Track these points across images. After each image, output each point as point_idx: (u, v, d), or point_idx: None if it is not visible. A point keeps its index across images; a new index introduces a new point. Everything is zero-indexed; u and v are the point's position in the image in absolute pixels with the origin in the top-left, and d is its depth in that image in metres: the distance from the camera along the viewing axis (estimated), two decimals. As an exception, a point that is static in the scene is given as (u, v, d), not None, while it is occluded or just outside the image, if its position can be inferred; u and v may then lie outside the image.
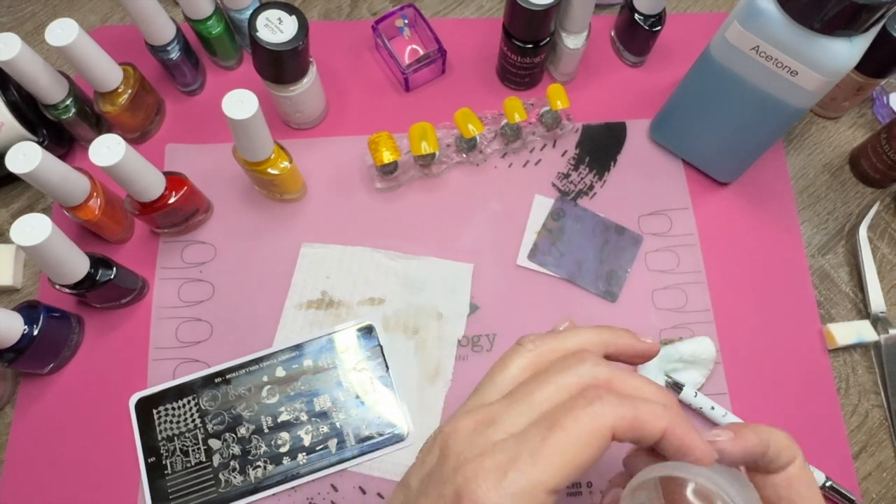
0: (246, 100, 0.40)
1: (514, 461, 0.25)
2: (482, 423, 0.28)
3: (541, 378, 0.28)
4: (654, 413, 0.27)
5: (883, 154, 0.50)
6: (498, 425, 0.27)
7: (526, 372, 0.30)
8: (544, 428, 0.26)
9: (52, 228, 0.38)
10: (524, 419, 0.27)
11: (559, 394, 0.28)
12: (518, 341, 0.31)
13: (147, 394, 0.46)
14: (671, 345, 0.46)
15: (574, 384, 0.28)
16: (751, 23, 0.38)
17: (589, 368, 0.29)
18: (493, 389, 0.30)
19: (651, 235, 0.51)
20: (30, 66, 0.44)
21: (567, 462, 0.26)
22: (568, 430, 0.26)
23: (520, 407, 0.28)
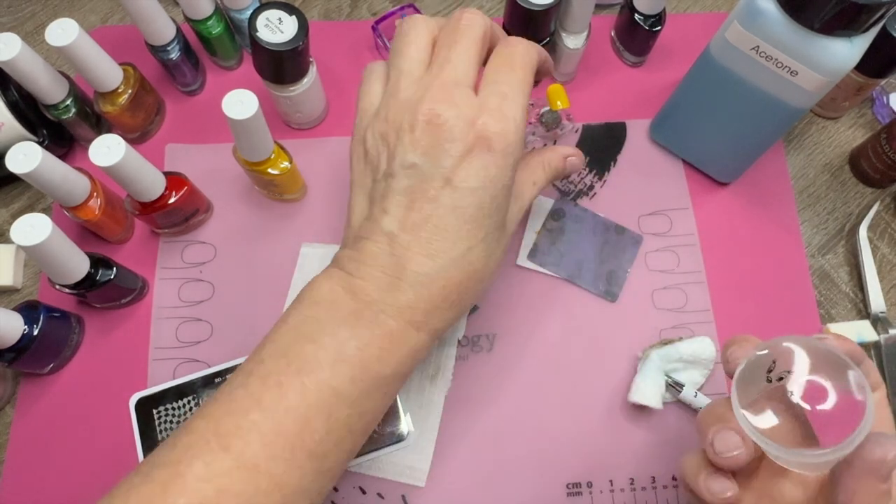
0: (246, 100, 0.40)
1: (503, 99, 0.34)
2: (449, 88, 0.34)
3: (452, 38, 0.36)
4: (545, 56, 0.39)
5: (883, 154, 0.50)
6: (461, 83, 0.35)
7: (429, 41, 0.37)
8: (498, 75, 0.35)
9: (53, 228, 0.38)
10: (473, 75, 0.35)
11: (477, 43, 0.36)
12: (404, 21, 0.37)
13: (147, 394, 0.46)
14: (671, 345, 0.46)
15: (479, 33, 0.36)
16: (751, 23, 0.38)
17: (480, 19, 0.36)
18: (413, 64, 0.36)
19: (651, 235, 0.51)
20: (30, 66, 0.44)
21: (527, 86, 0.36)
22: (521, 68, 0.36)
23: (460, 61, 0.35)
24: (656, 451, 0.46)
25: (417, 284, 0.33)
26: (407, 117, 0.34)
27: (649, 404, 0.44)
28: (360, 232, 0.35)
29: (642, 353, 0.47)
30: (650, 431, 0.46)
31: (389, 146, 0.34)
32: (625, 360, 0.48)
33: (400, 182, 0.34)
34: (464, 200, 0.33)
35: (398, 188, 0.34)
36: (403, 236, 0.33)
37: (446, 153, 0.33)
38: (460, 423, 0.46)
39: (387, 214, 0.34)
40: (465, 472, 0.45)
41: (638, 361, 0.47)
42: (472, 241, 0.34)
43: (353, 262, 0.34)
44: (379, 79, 0.38)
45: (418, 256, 0.33)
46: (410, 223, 0.33)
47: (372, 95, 0.37)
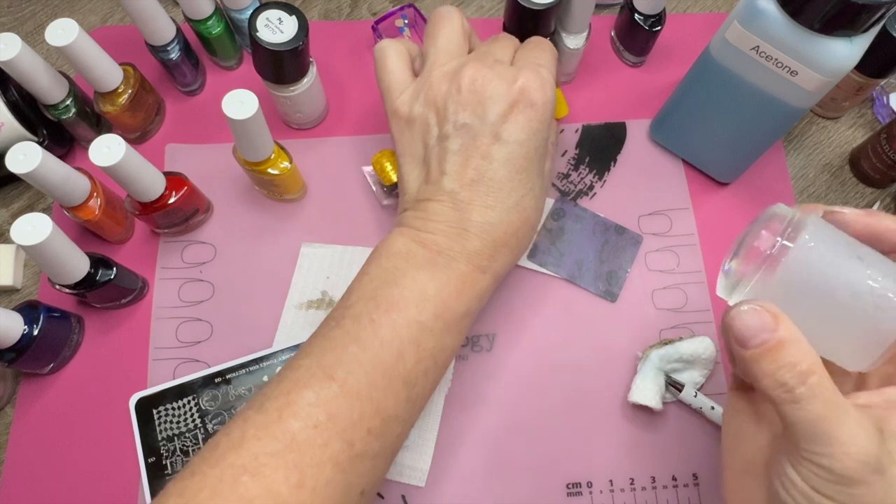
0: (246, 100, 0.40)
1: (539, 66, 0.40)
2: (489, 62, 0.40)
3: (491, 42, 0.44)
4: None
5: (883, 154, 0.50)
6: (500, 60, 0.41)
7: (464, 28, 0.43)
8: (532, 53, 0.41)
9: (53, 228, 0.38)
10: (500, 53, 0.42)
11: (512, 45, 0.44)
12: (439, 11, 0.43)
13: (147, 394, 0.46)
14: (671, 345, 0.46)
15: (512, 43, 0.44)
16: (751, 23, 0.38)
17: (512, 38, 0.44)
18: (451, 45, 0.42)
19: (651, 235, 0.51)
20: (30, 66, 0.44)
21: (554, 66, 0.42)
22: (551, 54, 0.43)
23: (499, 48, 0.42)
24: (656, 451, 0.46)
25: (481, 232, 0.38)
26: (453, 83, 0.39)
27: (649, 404, 0.44)
28: (421, 195, 0.39)
29: (642, 353, 0.47)
30: (650, 431, 0.46)
31: (438, 111, 0.39)
32: (625, 360, 0.48)
33: (454, 143, 0.38)
34: (513, 153, 0.38)
35: (453, 148, 0.38)
36: (463, 192, 0.38)
37: (492, 110, 0.38)
38: (460, 423, 0.46)
39: (445, 175, 0.38)
40: (465, 472, 0.45)
41: (638, 361, 0.47)
42: (523, 189, 0.39)
43: (420, 220, 0.39)
44: (399, 56, 0.42)
45: (479, 208, 0.38)
46: (468, 179, 0.38)
47: (398, 72, 0.42)
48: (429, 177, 0.39)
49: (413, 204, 0.40)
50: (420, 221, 0.39)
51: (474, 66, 0.39)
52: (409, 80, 0.42)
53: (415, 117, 0.40)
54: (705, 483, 0.45)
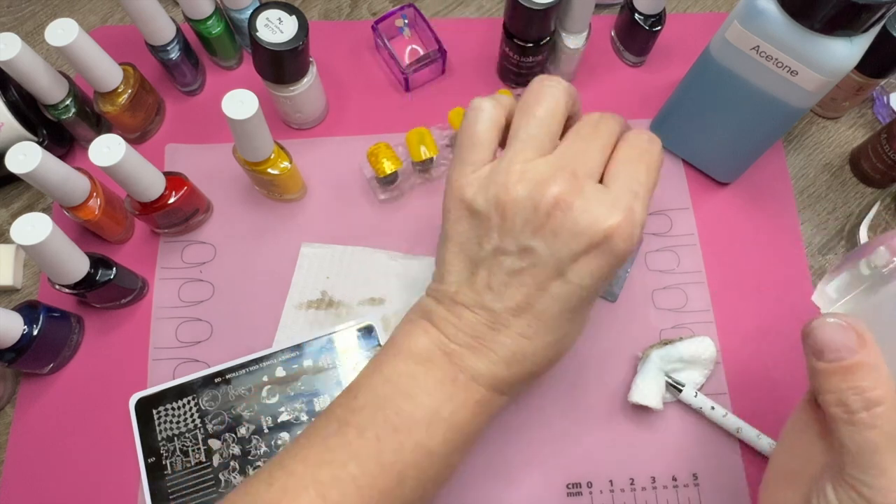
0: (246, 100, 0.40)
1: (634, 199, 0.33)
2: (582, 177, 0.33)
3: (591, 134, 0.35)
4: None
5: (883, 154, 0.50)
6: (593, 175, 0.34)
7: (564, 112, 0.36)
8: (633, 170, 0.34)
9: (53, 228, 0.38)
10: (600, 170, 0.34)
11: (610, 145, 0.35)
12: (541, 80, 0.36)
13: (147, 394, 0.46)
14: (671, 345, 0.46)
15: (613, 138, 0.35)
16: (751, 23, 0.38)
17: (617, 122, 0.36)
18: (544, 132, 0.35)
19: (651, 235, 0.51)
20: (30, 66, 0.44)
21: (653, 189, 0.35)
22: (655, 170, 0.35)
23: (594, 155, 0.34)
24: (656, 451, 0.46)
25: (512, 361, 0.34)
26: (532, 195, 0.32)
27: (649, 404, 0.44)
28: (458, 297, 0.35)
29: (642, 353, 0.47)
30: (650, 431, 0.46)
31: (505, 218, 0.33)
32: (625, 360, 0.48)
33: (511, 262, 0.33)
34: (573, 295, 0.33)
35: (507, 268, 0.33)
36: (505, 315, 0.34)
37: (568, 246, 0.32)
38: (460, 423, 0.46)
39: (491, 291, 0.34)
40: (466, 471, 0.45)
41: (638, 361, 0.47)
42: (568, 328, 0.35)
43: (451, 327, 0.35)
44: (493, 122, 0.35)
45: (516, 336, 0.34)
46: (514, 304, 0.33)
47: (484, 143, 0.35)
48: (473, 283, 0.34)
49: (448, 303, 0.35)
50: (450, 327, 0.35)
51: (562, 184, 0.32)
52: (490, 157, 0.35)
53: (477, 210, 0.34)
54: (705, 483, 0.45)
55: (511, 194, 0.32)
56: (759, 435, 0.45)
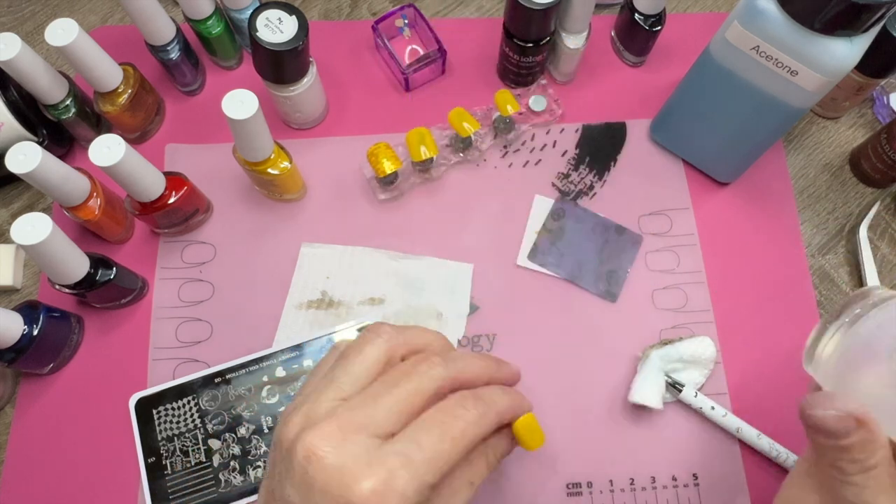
0: (246, 100, 0.40)
1: (402, 466, 0.27)
2: (350, 430, 0.29)
3: (398, 379, 0.31)
4: (476, 368, 0.33)
5: (883, 154, 0.50)
6: (369, 429, 0.29)
7: (380, 364, 0.32)
8: (422, 433, 0.29)
9: (53, 228, 0.38)
10: (393, 424, 0.29)
11: (418, 396, 0.30)
12: (371, 329, 0.33)
13: (147, 394, 0.46)
14: (671, 345, 0.46)
15: (428, 388, 0.31)
16: (751, 23, 0.38)
17: (439, 372, 0.31)
18: (349, 380, 0.31)
19: (651, 235, 0.51)
20: (30, 66, 0.44)
21: (444, 463, 0.29)
22: (451, 440, 0.29)
23: (385, 406, 0.30)
24: (656, 451, 0.46)
25: None
26: (295, 436, 0.29)
27: (649, 404, 0.44)
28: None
29: (642, 353, 0.47)
30: (650, 431, 0.46)
31: (273, 461, 0.30)
32: (625, 360, 0.48)
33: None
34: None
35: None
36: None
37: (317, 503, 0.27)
38: (460, 423, 0.46)
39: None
40: (465, 472, 0.45)
41: (638, 361, 0.47)
42: None
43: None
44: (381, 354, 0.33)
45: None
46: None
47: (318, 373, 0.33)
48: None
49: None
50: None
51: (325, 429, 0.28)
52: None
53: (285, 450, 0.30)
54: (705, 483, 0.45)
55: (284, 430, 0.30)
56: (759, 435, 0.45)
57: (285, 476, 0.28)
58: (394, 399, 0.30)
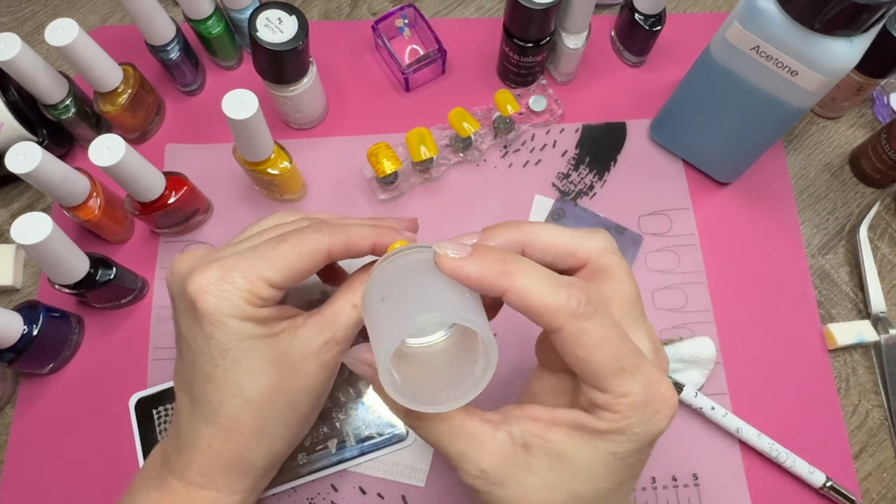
0: (246, 100, 0.40)
1: (240, 261, 0.31)
2: (210, 253, 0.33)
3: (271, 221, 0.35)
4: (363, 234, 0.33)
5: (883, 154, 0.50)
6: (225, 248, 0.33)
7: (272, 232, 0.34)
8: (274, 241, 0.32)
9: (53, 227, 0.38)
10: (253, 241, 0.33)
11: (282, 227, 0.34)
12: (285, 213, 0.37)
13: (147, 394, 0.46)
14: (671, 345, 0.46)
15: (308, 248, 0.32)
16: (751, 23, 0.38)
17: (322, 237, 0.33)
18: (238, 238, 0.35)
19: (651, 235, 0.51)
20: (30, 66, 0.44)
21: (288, 266, 0.31)
22: (293, 245, 0.31)
23: (248, 234, 0.34)
24: (656, 451, 0.45)
25: (188, 443, 0.32)
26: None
27: (649, 404, 0.44)
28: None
29: (642, 353, 0.47)
30: (650, 431, 0.46)
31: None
32: (625, 360, 0.48)
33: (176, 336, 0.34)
34: (197, 358, 0.31)
35: (176, 343, 0.34)
36: (179, 395, 0.33)
37: (177, 309, 0.32)
38: (460, 423, 0.46)
39: (174, 372, 0.34)
40: (465, 472, 0.45)
41: (638, 361, 0.47)
42: (219, 396, 0.31)
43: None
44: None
45: (185, 415, 0.33)
46: (178, 382, 0.33)
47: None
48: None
49: None
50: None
51: (187, 254, 0.33)
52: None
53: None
54: (705, 483, 0.45)
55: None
56: (759, 435, 0.45)
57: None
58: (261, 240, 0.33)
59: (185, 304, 0.31)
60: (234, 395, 0.31)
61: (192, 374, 0.32)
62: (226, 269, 0.30)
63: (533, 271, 0.26)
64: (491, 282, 0.26)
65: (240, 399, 0.31)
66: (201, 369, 0.31)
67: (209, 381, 0.31)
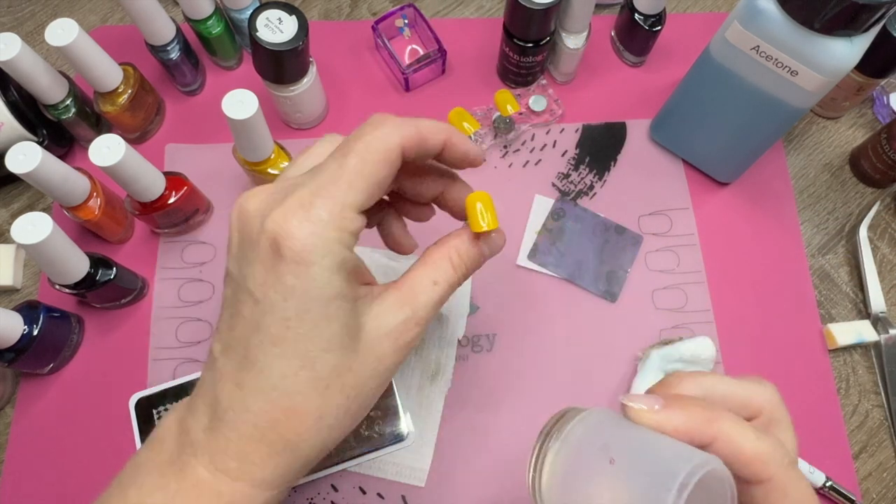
0: (246, 100, 0.40)
1: (318, 192, 0.26)
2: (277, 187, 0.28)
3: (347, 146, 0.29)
4: (434, 128, 0.29)
5: (883, 154, 0.50)
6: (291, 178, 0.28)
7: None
8: (338, 157, 0.27)
9: (53, 227, 0.38)
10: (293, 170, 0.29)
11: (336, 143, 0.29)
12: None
13: (147, 394, 0.46)
14: (671, 345, 0.46)
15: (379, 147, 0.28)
16: (751, 23, 0.38)
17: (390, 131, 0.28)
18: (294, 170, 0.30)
19: (651, 235, 0.51)
20: (30, 66, 0.44)
21: (366, 179, 0.27)
22: (360, 152, 0.27)
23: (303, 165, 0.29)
24: (656, 451, 0.46)
25: (227, 420, 0.27)
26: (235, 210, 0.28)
27: (649, 404, 0.44)
28: (207, 364, 0.30)
29: (642, 353, 0.47)
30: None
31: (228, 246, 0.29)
32: (625, 361, 0.48)
33: (225, 291, 0.29)
34: (265, 317, 0.26)
35: (225, 300, 0.29)
36: (221, 360, 0.28)
37: (245, 257, 0.27)
38: (460, 423, 0.46)
39: (217, 333, 0.29)
40: (465, 472, 0.45)
41: (638, 361, 0.47)
42: (284, 367, 0.27)
43: (195, 389, 0.29)
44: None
45: (229, 385, 0.27)
46: (226, 344, 0.28)
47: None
48: (217, 331, 0.30)
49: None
50: (193, 391, 0.29)
51: (255, 189, 0.28)
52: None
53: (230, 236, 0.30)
54: (705, 483, 0.45)
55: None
56: (759, 435, 0.45)
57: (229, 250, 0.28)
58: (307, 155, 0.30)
59: (263, 250, 0.26)
60: (304, 367, 0.26)
61: (251, 336, 0.27)
62: (307, 203, 0.26)
63: (734, 418, 0.25)
64: (698, 430, 0.24)
65: (309, 374, 0.27)
66: (267, 331, 0.26)
67: (275, 347, 0.26)
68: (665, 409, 0.25)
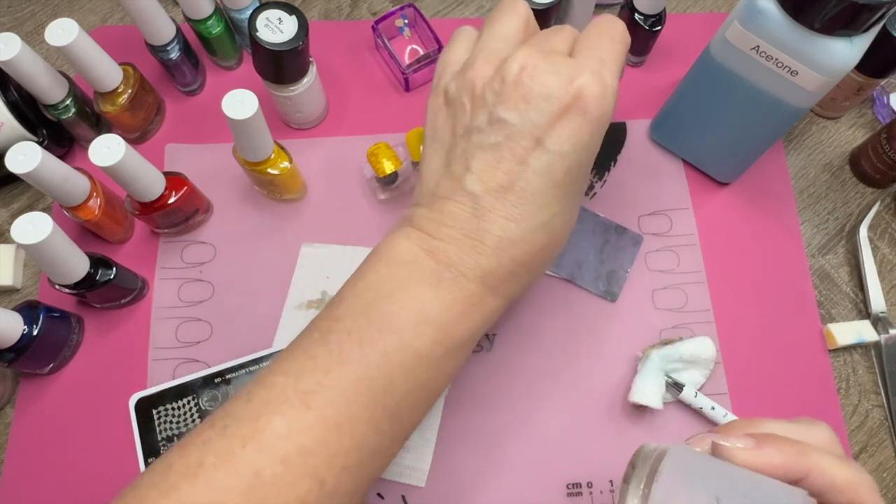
0: (246, 100, 0.40)
1: (602, 64, 0.33)
2: (545, 52, 0.33)
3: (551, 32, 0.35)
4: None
5: (883, 154, 0.50)
6: (556, 53, 0.34)
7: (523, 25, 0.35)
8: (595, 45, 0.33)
9: (53, 227, 0.38)
10: (559, 43, 0.34)
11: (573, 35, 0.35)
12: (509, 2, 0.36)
13: (147, 394, 0.46)
14: (671, 345, 0.46)
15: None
16: (751, 23, 0.38)
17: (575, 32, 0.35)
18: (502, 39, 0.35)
19: (651, 235, 0.51)
20: (30, 66, 0.44)
21: (620, 64, 0.34)
22: (615, 42, 0.34)
23: (557, 39, 0.35)
24: (656, 451, 0.46)
25: (499, 249, 0.32)
26: (499, 69, 0.32)
27: (649, 404, 0.44)
28: (437, 191, 0.34)
29: (642, 353, 0.47)
30: (650, 431, 0.46)
31: (475, 98, 0.33)
32: (625, 360, 0.48)
33: (486, 138, 0.32)
34: (554, 165, 0.32)
35: (483, 144, 0.32)
36: (487, 198, 0.32)
37: (540, 110, 0.31)
38: (460, 423, 0.46)
39: (470, 173, 0.32)
40: (465, 472, 0.45)
41: (638, 361, 0.47)
42: (556, 206, 0.33)
43: (433, 223, 0.33)
44: (468, 39, 0.36)
45: (501, 220, 0.32)
46: (496, 184, 0.32)
47: (457, 52, 0.36)
48: (450, 171, 0.33)
49: (429, 200, 0.34)
50: (433, 224, 0.33)
51: (527, 52, 0.32)
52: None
53: (451, 98, 0.34)
54: (705, 483, 0.45)
55: (478, 72, 0.33)
56: (759, 435, 0.45)
57: (492, 101, 0.32)
58: (561, 37, 0.34)
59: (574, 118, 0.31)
60: (564, 211, 0.34)
61: (533, 180, 0.32)
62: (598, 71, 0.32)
63: (821, 450, 0.26)
64: (793, 465, 0.26)
65: (568, 217, 0.34)
66: (552, 177, 0.32)
67: (555, 189, 0.32)
68: (761, 447, 0.26)
